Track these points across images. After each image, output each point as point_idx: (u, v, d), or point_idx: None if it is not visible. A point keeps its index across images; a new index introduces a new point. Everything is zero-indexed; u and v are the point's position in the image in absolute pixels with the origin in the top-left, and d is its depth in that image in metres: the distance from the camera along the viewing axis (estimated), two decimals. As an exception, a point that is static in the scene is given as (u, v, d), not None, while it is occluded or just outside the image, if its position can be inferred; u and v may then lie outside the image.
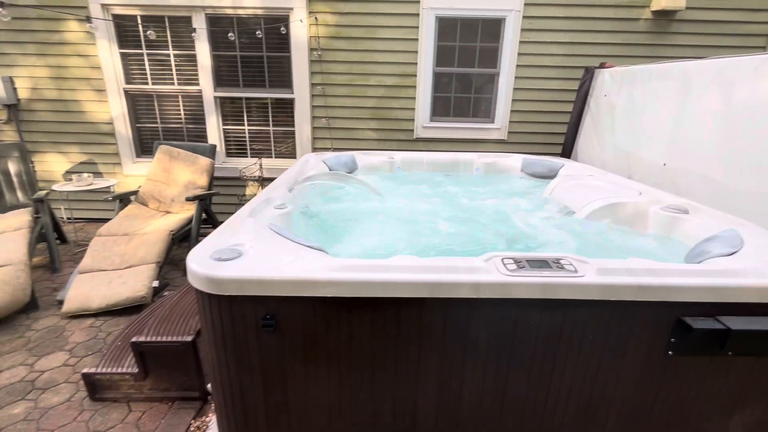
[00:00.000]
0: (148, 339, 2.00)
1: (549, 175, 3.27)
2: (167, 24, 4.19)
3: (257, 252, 1.41)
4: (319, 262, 1.34)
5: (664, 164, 2.47)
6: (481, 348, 1.37)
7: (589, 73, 3.50)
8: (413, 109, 4.36)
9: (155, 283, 3.02)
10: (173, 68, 4.35)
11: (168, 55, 4.31)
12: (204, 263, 1.32)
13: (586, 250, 2.04)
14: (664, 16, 3.91)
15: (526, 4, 3.98)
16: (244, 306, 1.30)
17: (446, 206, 2.66)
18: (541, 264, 1.34)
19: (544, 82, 4.22)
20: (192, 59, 4.31)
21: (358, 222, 2.27)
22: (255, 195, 4.64)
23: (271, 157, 4.71)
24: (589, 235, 2.14)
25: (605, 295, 1.29)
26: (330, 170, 3.23)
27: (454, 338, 1.36)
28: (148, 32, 3.96)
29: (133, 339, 1.99)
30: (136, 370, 2.05)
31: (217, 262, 1.33)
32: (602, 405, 1.46)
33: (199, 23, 4.13)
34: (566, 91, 4.17)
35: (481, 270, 1.31)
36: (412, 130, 4.44)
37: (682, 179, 2.32)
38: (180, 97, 4.47)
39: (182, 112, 4.54)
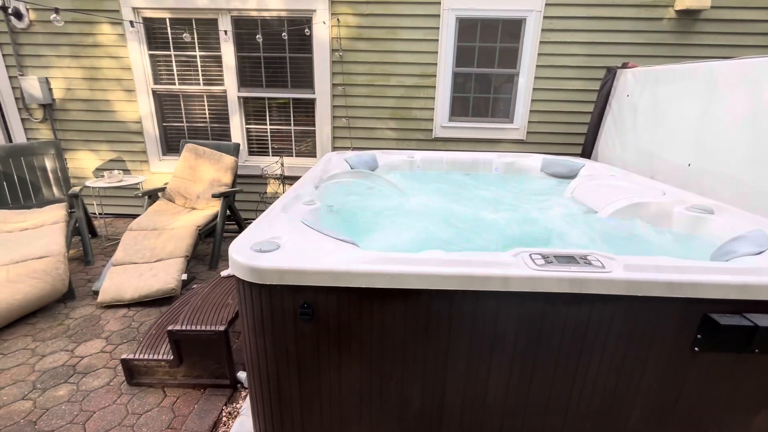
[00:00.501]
0: (184, 328, 2.10)
1: (569, 175, 3.28)
2: (194, 26, 4.33)
3: (294, 245, 1.49)
4: (353, 254, 1.41)
5: (689, 165, 2.46)
6: (509, 340, 1.42)
7: (611, 73, 3.49)
8: (432, 109, 4.40)
9: (184, 276, 3.14)
10: (199, 69, 4.49)
11: (194, 57, 4.45)
12: (246, 254, 1.40)
13: (610, 248, 2.05)
14: (689, 15, 3.86)
15: (547, 5, 3.98)
16: (283, 295, 1.38)
17: (467, 205, 2.70)
18: (569, 260, 1.38)
19: (564, 82, 4.22)
20: (217, 60, 4.44)
21: (382, 219, 2.34)
22: (276, 193, 4.77)
23: (292, 156, 4.82)
24: (613, 233, 2.16)
25: (632, 291, 1.32)
26: (352, 168, 3.30)
27: (482, 330, 1.40)
28: (184, 35, 4.12)
29: (170, 327, 2.10)
30: (171, 357, 2.16)
31: (257, 254, 1.40)
32: (626, 399, 1.49)
33: (225, 25, 4.26)
34: (587, 91, 4.16)
35: (510, 264, 1.35)
36: (431, 130, 4.48)
37: (707, 180, 2.32)
38: (205, 97, 4.61)
39: (207, 111, 4.68)
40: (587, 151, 3.73)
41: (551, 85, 4.24)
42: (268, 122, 4.70)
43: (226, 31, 4.24)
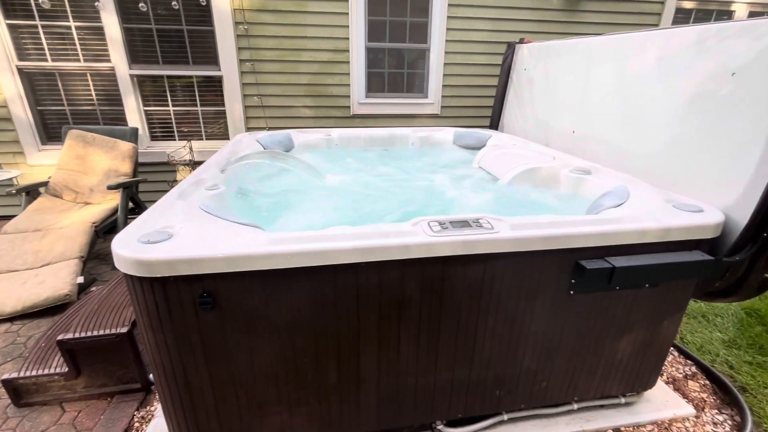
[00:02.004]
0: (78, 335, 1.90)
1: (478, 146, 3.48)
2: (64, -9, 3.71)
3: (188, 232, 1.39)
4: (253, 237, 1.36)
5: (573, 132, 2.75)
6: (414, 304, 1.50)
7: (510, 48, 3.71)
8: (348, 85, 4.34)
9: (80, 279, 2.80)
10: (77, 42, 3.89)
11: (69, 28, 3.84)
12: (131, 247, 1.28)
13: (509, 211, 2.24)
14: (575, -6, 4.23)
15: (452, -20, 4.07)
16: (179, 286, 1.29)
17: (383, 180, 2.75)
18: (462, 224, 1.48)
19: (472, 57, 4.40)
20: (99, 32, 3.88)
21: (296, 201, 2.29)
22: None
23: (202, 139, 4.47)
24: (511, 197, 2.36)
25: (517, 247, 1.46)
26: (265, 149, 3.16)
27: (389, 298, 1.46)
28: (41, 0, 3.50)
29: (59, 337, 1.88)
30: (66, 369, 1.94)
31: (145, 245, 1.29)
32: (520, 342, 1.67)
33: (103, -9, 3.71)
34: (492, 65, 4.39)
35: (409, 233, 1.41)
36: (349, 107, 4.43)
37: (588, 144, 2.61)
38: (89, 75, 4.03)
39: (93, 92, 4.11)
40: (494, 123, 3.97)
41: (460, 60, 4.40)
42: (170, 103, 4.28)
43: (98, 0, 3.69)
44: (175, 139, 4.41)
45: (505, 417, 1.89)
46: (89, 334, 1.90)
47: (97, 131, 3.78)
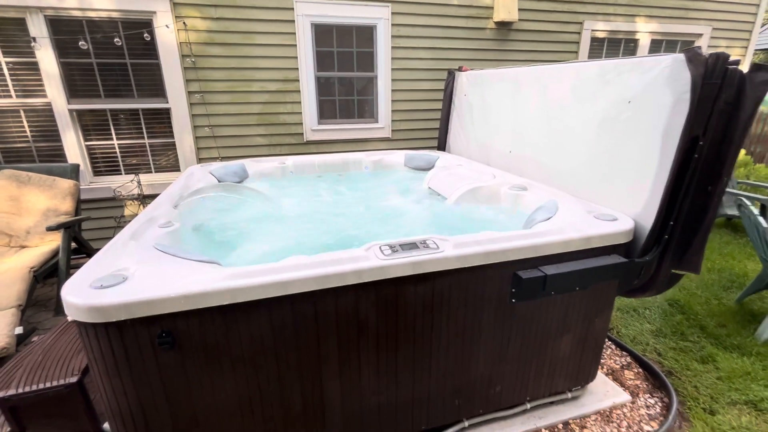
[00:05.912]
0: (21, 390, 1.79)
1: (427, 168, 3.69)
2: (-8, 26, 3.55)
3: (144, 274, 1.41)
4: (210, 273, 1.40)
5: (510, 152, 3.02)
6: (371, 325, 1.59)
7: (451, 76, 4.01)
8: (300, 113, 4.44)
9: (18, 330, 2.61)
10: (8, 78, 3.71)
11: (-2, 64, 3.66)
12: (83, 293, 1.28)
13: (456, 229, 2.42)
14: (504, 26, 4.66)
15: (393, 13, 4.36)
16: (136, 329, 1.30)
17: (338, 205, 2.86)
18: (411, 246, 1.61)
19: (417, 83, 4.68)
20: (33, 67, 3.72)
21: (252, 232, 2.32)
22: (135, 215, 4.25)
23: (151, 172, 4.34)
24: (458, 215, 2.54)
25: (461, 264, 1.61)
26: (218, 181, 3.16)
27: (347, 320, 1.55)
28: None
29: (0, 394, 1.76)
30: (8, 429, 1.81)
31: (98, 291, 1.30)
32: (473, 350, 1.81)
33: (38, 26, 3.59)
34: (436, 90, 4.70)
35: (362, 258, 1.52)
36: (302, 134, 4.52)
37: (522, 163, 2.88)
38: (22, 111, 3.83)
39: (27, 128, 3.90)
40: (441, 144, 4.23)
41: (406, 86, 4.67)
42: (114, 137, 4.14)
43: (34, 39, 3.56)
44: (121, 173, 4.26)
45: (466, 424, 2.00)
46: (34, 387, 1.79)
47: (33, 169, 3.59)
